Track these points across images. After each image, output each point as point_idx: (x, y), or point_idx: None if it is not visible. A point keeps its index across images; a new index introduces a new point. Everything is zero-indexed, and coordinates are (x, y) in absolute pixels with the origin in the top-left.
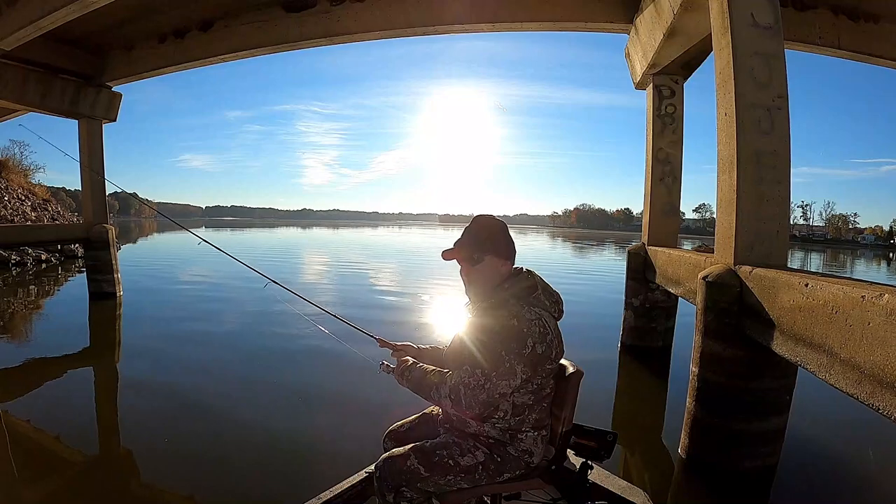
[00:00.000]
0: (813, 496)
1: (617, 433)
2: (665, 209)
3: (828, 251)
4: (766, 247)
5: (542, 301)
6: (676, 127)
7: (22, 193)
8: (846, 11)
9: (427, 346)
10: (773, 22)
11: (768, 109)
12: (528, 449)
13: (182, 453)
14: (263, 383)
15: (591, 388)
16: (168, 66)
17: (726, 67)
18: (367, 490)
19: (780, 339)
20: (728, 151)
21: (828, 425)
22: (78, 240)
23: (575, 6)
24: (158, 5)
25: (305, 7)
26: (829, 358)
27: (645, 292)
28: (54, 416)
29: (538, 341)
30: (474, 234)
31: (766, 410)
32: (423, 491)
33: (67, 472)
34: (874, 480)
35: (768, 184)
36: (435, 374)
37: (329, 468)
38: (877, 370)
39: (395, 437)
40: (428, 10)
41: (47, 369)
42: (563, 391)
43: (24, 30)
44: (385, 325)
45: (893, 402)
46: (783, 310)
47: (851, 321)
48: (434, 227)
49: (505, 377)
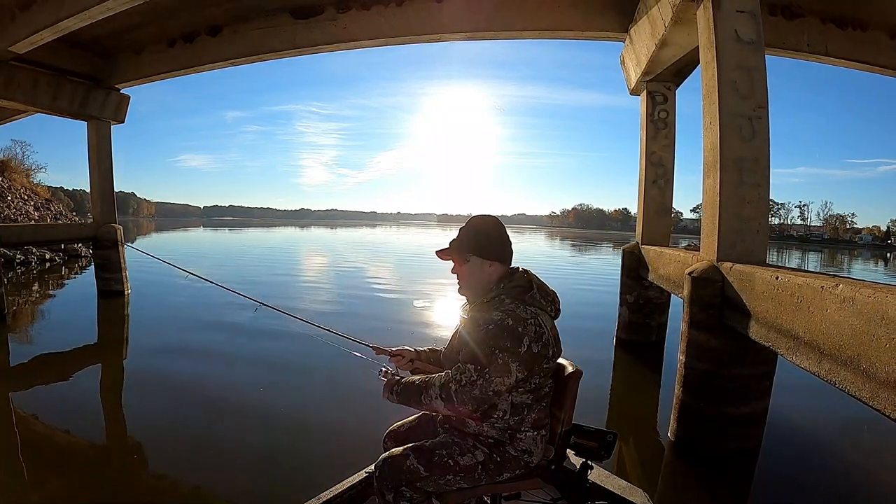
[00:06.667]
0: (792, 474)
1: (616, 433)
2: (658, 210)
3: (825, 251)
4: (748, 244)
5: (538, 300)
6: (669, 132)
7: (25, 193)
8: (834, 19)
9: (424, 349)
10: (755, 37)
11: (750, 118)
12: (528, 448)
13: (187, 451)
14: (265, 383)
15: (588, 381)
16: (177, 70)
17: (711, 79)
18: (367, 490)
19: (755, 327)
20: (712, 157)
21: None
22: (87, 239)
23: (572, 15)
24: (169, 10)
25: (313, 14)
26: (795, 342)
27: (639, 289)
28: (64, 411)
29: (534, 340)
30: (464, 234)
31: (747, 395)
32: (423, 491)
33: (76, 465)
34: (850, 459)
35: (749, 187)
36: (422, 380)
37: (329, 468)
38: (833, 350)
39: (395, 437)
40: (431, 18)
41: (57, 365)
42: (562, 391)
43: (39, 34)
44: (385, 324)
45: (847, 377)
46: (758, 300)
47: (813, 308)
48: (432, 226)
49: (499, 374)
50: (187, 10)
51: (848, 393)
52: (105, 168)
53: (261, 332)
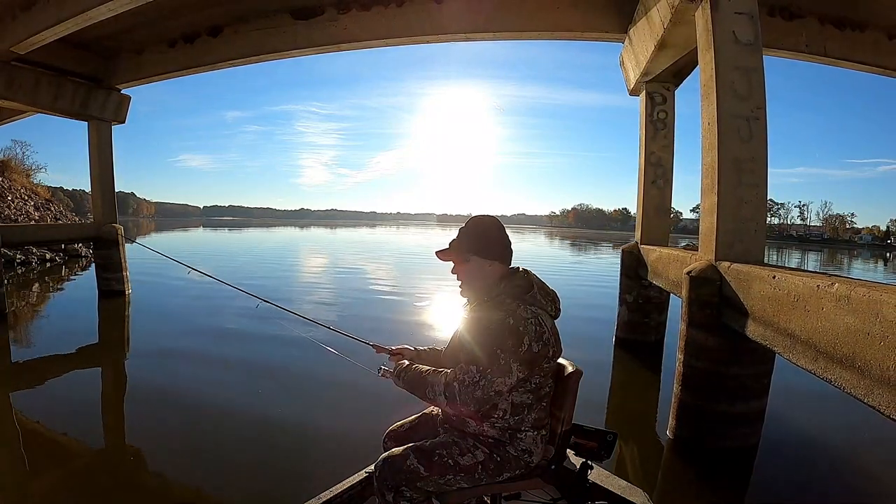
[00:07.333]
0: (791, 472)
1: (616, 433)
2: (657, 210)
3: (825, 251)
4: (745, 244)
5: (539, 300)
6: (668, 132)
7: (25, 193)
8: (832, 20)
9: (425, 348)
10: (753, 39)
11: (747, 119)
12: (528, 448)
13: (186, 451)
14: (265, 383)
15: (587, 380)
16: (177, 71)
17: (709, 80)
18: (366, 490)
19: (752, 326)
20: (710, 157)
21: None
22: (89, 239)
23: (572, 16)
24: (170, 11)
25: (313, 15)
26: (791, 340)
27: (638, 289)
28: (64, 411)
29: (534, 340)
30: (464, 235)
31: (746, 394)
32: (423, 490)
33: (76, 466)
34: (846, 456)
35: (747, 187)
36: (430, 373)
37: (329, 468)
38: (828, 348)
39: (395, 437)
40: (430, 19)
41: (58, 365)
42: (563, 391)
43: (41, 34)
44: (385, 324)
45: (843, 374)
46: (755, 300)
47: (809, 307)
48: (432, 226)
49: (500, 374)
50: (188, 10)
51: (844, 390)
52: (106, 168)
53: (261, 331)
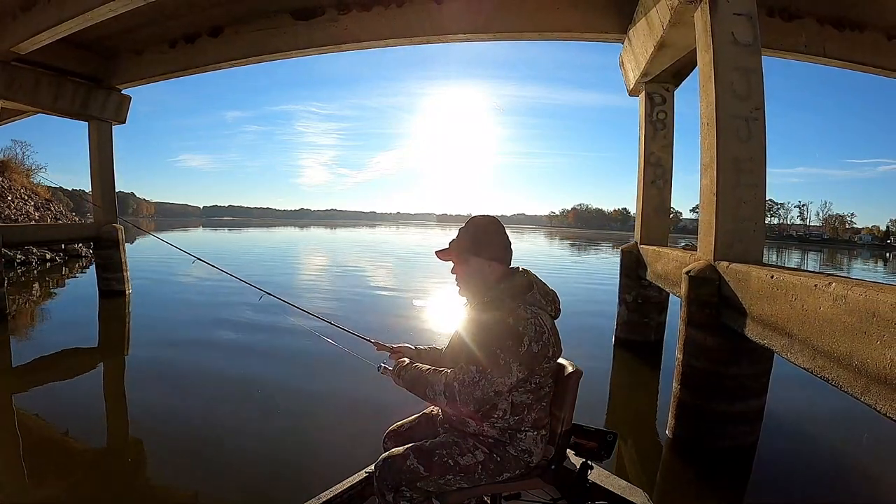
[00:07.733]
0: (789, 471)
1: (616, 433)
2: (657, 210)
3: (825, 251)
4: (744, 244)
5: (538, 299)
6: (667, 132)
7: (25, 193)
8: (832, 21)
9: (425, 347)
10: (752, 40)
11: (746, 120)
12: (528, 448)
13: (186, 451)
14: (265, 383)
15: (587, 380)
16: (177, 71)
17: (708, 81)
18: (366, 490)
19: (751, 325)
20: (709, 157)
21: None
22: (89, 239)
23: (572, 16)
24: (170, 12)
25: (314, 15)
26: (789, 339)
27: (638, 288)
28: (65, 411)
29: (534, 340)
30: (464, 235)
31: (744, 393)
32: (423, 490)
33: (77, 465)
34: (845, 455)
35: (746, 187)
36: (430, 372)
37: (329, 468)
38: (826, 346)
39: (395, 437)
40: (431, 20)
41: (58, 365)
42: (563, 391)
43: (41, 35)
44: (385, 323)
45: (840, 373)
46: (754, 299)
47: (807, 306)
48: (431, 226)
49: (500, 374)
50: (189, 11)
51: (841, 388)
52: (106, 168)
53: (261, 330)
